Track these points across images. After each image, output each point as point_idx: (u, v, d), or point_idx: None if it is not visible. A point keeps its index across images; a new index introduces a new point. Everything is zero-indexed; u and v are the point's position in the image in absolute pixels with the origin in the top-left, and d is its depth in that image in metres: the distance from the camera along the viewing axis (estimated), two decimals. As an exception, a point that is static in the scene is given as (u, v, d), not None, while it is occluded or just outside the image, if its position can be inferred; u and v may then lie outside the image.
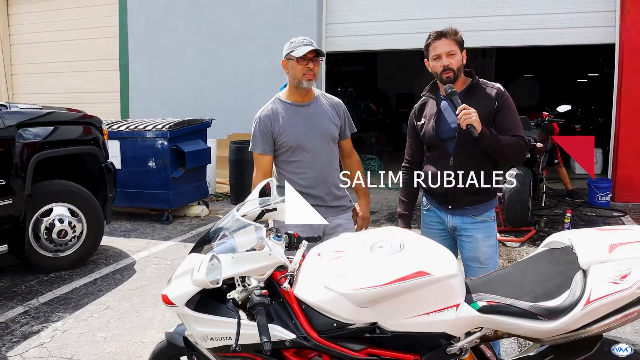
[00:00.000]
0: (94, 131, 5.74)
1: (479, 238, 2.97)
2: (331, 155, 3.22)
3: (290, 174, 3.15)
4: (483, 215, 2.98)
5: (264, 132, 3.14)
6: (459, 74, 2.88)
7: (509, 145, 2.79)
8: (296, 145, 3.11)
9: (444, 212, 3.03)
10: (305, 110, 3.16)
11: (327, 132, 3.17)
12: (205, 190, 8.04)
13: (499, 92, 2.90)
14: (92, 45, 11.57)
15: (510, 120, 2.86)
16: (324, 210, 3.11)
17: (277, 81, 9.81)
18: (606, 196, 8.14)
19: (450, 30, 2.88)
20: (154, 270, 5.39)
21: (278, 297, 2.05)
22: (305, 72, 3.07)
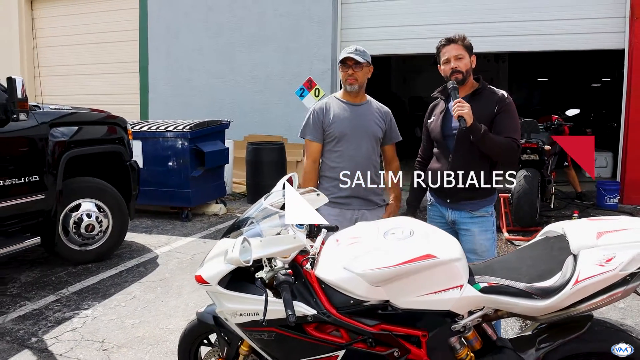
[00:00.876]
0: (119, 131, 6.01)
1: (476, 232, 3.18)
2: (371, 152, 3.50)
3: (332, 162, 3.47)
4: (480, 210, 3.19)
5: (316, 121, 3.48)
6: (467, 76, 3.13)
7: (499, 144, 3.00)
8: (341, 136, 3.42)
9: (444, 206, 3.28)
10: (354, 108, 3.49)
11: (370, 131, 3.47)
12: (223, 189, 8.31)
13: (501, 97, 3.14)
14: (113, 49, 11.94)
15: (506, 123, 3.07)
16: (357, 202, 3.47)
17: (292, 84, 10.13)
18: (614, 198, 8.32)
19: (457, 36, 3.15)
20: (175, 264, 5.66)
21: (300, 278, 2.28)
22: (346, 77, 3.41)
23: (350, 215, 3.50)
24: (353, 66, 3.38)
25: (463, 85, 3.16)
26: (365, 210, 3.51)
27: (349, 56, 3.35)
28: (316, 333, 2.26)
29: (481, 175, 3.12)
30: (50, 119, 5.13)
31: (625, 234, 2.15)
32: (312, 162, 3.54)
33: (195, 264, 5.61)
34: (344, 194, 3.47)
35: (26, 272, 5.39)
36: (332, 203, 3.46)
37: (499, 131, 3.05)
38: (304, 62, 10.10)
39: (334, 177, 3.48)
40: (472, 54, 3.18)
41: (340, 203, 3.49)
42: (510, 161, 3.20)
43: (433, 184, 3.28)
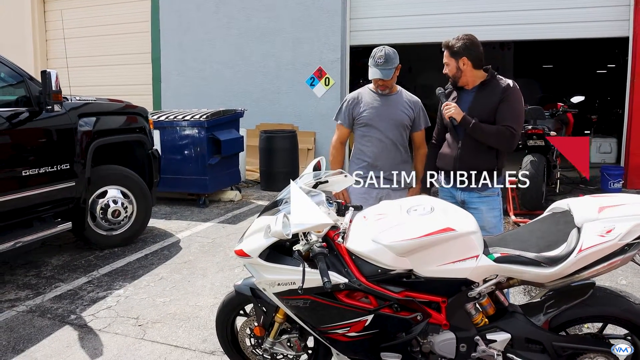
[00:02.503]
0: (141, 120, 6.27)
1: (484, 210, 3.47)
2: (398, 138, 3.83)
3: (362, 146, 3.88)
4: (487, 190, 3.48)
5: (347, 109, 3.90)
6: (456, 79, 3.48)
7: (489, 132, 3.32)
8: (370, 122, 3.81)
9: (454, 188, 3.56)
10: (385, 98, 3.85)
11: (398, 118, 3.81)
12: (238, 176, 8.58)
13: (506, 86, 3.41)
14: (125, 40, 12.17)
15: (505, 111, 3.35)
16: (381, 181, 3.81)
17: (302, 74, 10.36)
18: (618, 183, 8.54)
19: (445, 44, 3.49)
20: (198, 247, 5.93)
21: (332, 251, 2.54)
22: (377, 86, 3.81)
23: (375, 194, 3.84)
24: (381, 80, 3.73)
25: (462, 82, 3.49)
26: (390, 189, 3.83)
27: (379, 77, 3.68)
28: (347, 300, 2.52)
29: (488, 159, 3.41)
30: (78, 110, 5.39)
31: (624, 208, 2.41)
32: (340, 143, 4.03)
33: (217, 247, 5.89)
34: (373, 173, 3.79)
35: (57, 256, 5.67)
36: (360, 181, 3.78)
37: (499, 119, 3.34)
38: (314, 51, 10.32)
39: (362, 159, 3.85)
40: (464, 56, 3.42)
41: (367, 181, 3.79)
42: (506, 148, 3.43)
43: (444, 167, 3.59)
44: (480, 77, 3.48)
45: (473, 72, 3.46)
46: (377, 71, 3.68)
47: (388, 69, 3.68)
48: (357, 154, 3.92)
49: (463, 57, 3.42)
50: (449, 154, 3.54)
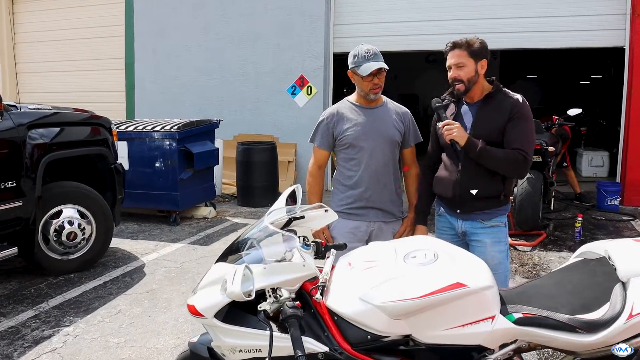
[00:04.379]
0: (103, 132, 5.68)
1: (488, 243, 2.98)
2: (389, 158, 3.25)
3: (348, 170, 3.28)
4: (493, 220, 3.00)
5: (325, 128, 3.27)
6: (471, 85, 2.90)
7: (500, 158, 2.83)
8: (355, 142, 3.19)
9: (454, 217, 3.07)
10: (370, 112, 3.25)
11: (388, 135, 3.23)
12: (212, 191, 7.99)
13: (514, 102, 2.90)
14: (97, 45, 11.55)
15: (516, 132, 2.86)
16: (372, 213, 3.24)
17: (283, 82, 9.83)
18: (615, 200, 8.12)
19: (462, 41, 2.92)
20: (163, 273, 5.34)
21: (309, 308, 2.00)
22: (371, 87, 3.15)
23: (365, 228, 3.28)
24: (378, 74, 3.13)
25: (471, 92, 2.95)
26: (382, 222, 3.28)
27: (381, 67, 3.07)
28: (328, 373, 1.98)
29: (493, 184, 2.93)
30: (28, 120, 4.80)
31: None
32: (318, 167, 3.37)
33: (184, 274, 5.31)
34: (360, 204, 3.24)
35: (2, 284, 5.04)
36: (346, 214, 3.26)
37: (509, 141, 2.85)
38: (295, 59, 9.79)
39: (349, 186, 3.27)
40: (484, 58, 2.92)
41: (355, 214, 3.26)
42: (517, 175, 3.03)
43: (442, 193, 3.09)
44: (486, 89, 2.97)
45: (484, 81, 2.97)
46: (373, 63, 3.06)
47: (382, 61, 3.10)
48: (341, 180, 3.33)
49: (483, 60, 2.89)
50: (447, 178, 3.04)
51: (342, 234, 3.25)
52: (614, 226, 7.25)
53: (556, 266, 5.46)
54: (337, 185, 3.37)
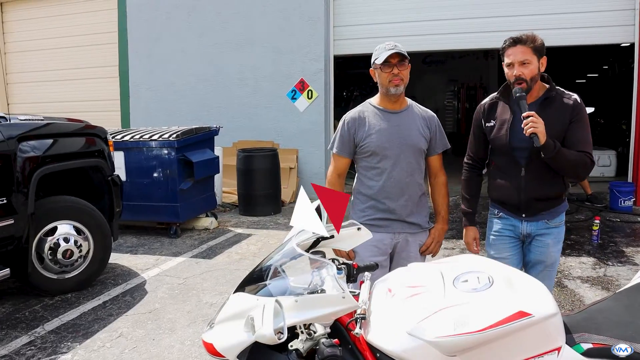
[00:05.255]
0: (99, 142, 5.40)
1: (550, 243, 2.93)
2: (414, 167, 3.01)
3: (368, 180, 3.04)
4: (556, 219, 2.93)
5: (346, 134, 3.03)
6: (533, 83, 2.77)
7: (572, 160, 2.71)
8: (378, 150, 2.96)
9: (518, 219, 2.96)
10: (394, 117, 3.00)
11: (413, 143, 2.99)
12: (213, 201, 7.70)
13: (575, 103, 2.79)
14: (90, 52, 11.26)
15: (580, 134, 2.76)
16: (396, 224, 3.00)
17: (283, 86, 9.55)
18: (629, 200, 7.87)
19: (527, 37, 2.76)
20: (166, 290, 5.05)
21: (346, 344, 1.72)
22: (390, 78, 2.90)
23: (390, 240, 3.03)
24: (398, 64, 2.87)
25: (528, 93, 2.80)
26: (407, 234, 3.02)
27: (396, 52, 2.83)
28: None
29: (556, 185, 2.86)
30: (19, 132, 4.50)
31: None
32: (338, 176, 3.12)
33: (189, 290, 5.02)
34: (383, 216, 2.98)
35: (-4, 306, 4.75)
36: (369, 226, 2.96)
37: (571, 143, 2.72)
38: (295, 62, 9.52)
39: (370, 196, 3.00)
40: (543, 56, 2.78)
41: (378, 226, 2.99)
42: (581, 177, 2.99)
43: (504, 199, 2.97)
44: (541, 88, 2.84)
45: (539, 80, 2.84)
46: (388, 52, 2.82)
47: (403, 50, 2.86)
48: (362, 190, 3.07)
49: (543, 57, 2.77)
50: (509, 185, 2.91)
51: (365, 246, 2.96)
52: (631, 228, 7.00)
53: (578, 272, 5.20)
54: (358, 195, 3.11)
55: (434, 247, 3.13)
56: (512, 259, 3.02)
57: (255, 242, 6.63)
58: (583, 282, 4.98)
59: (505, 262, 3.04)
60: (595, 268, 5.37)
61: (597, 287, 4.84)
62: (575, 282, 4.98)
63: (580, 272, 5.25)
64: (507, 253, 3.02)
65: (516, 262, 3.03)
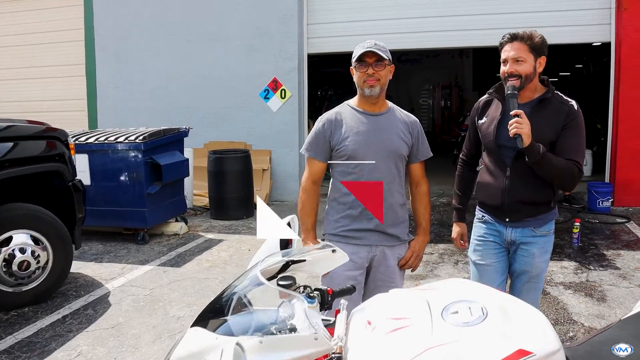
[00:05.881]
0: (59, 146, 5.10)
1: (536, 253, 2.78)
2: (394, 174, 2.80)
3: (344, 187, 2.80)
4: (544, 227, 2.77)
5: (321, 136, 2.82)
6: (527, 82, 2.63)
7: (558, 168, 2.57)
8: (355, 154, 2.74)
9: (502, 224, 2.83)
10: (373, 120, 2.79)
11: (393, 148, 2.78)
12: (183, 205, 7.42)
13: (570, 110, 2.66)
14: (55, 50, 10.82)
15: (571, 141, 2.63)
16: (373, 236, 2.79)
17: (256, 85, 9.30)
18: (607, 201, 7.81)
19: (524, 34, 2.64)
20: (131, 302, 4.77)
21: (320, 389, 1.50)
22: (365, 78, 2.70)
23: (366, 254, 2.80)
24: (374, 64, 2.66)
25: (523, 90, 2.68)
26: (385, 247, 2.81)
27: (371, 50, 2.62)
28: None
29: (541, 188, 2.69)
30: (-31, 135, 4.19)
31: None
32: (313, 182, 2.88)
33: (155, 302, 4.76)
34: (359, 227, 2.76)
35: (-54, 323, 4.42)
36: (343, 237, 2.79)
37: (561, 150, 2.59)
38: (268, 61, 9.25)
39: (346, 205, 2.78)
40: (542, 55, 2.64)
41: (353, 237, 2.78)
42: (568, 187, 2.74)
43: (487, 201, 2.84)
44: (539, 90, 2.71)
45: (537, 81, 2.70)
46: (365, 50, 2.63)
47: (381, 49, 2.65)
48: (337, 197, 2.84)
49: (542, 57, 2.63)
50: (493, 184, 2.77)
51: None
52: (610, 230, 6.91)
53: (560, 278, 5.07)
54: (332, 203, 2.88)
55: (414, 261, 2.92)
56: (497, 267, 2.87)
57: (226, 249, 6.37)
58: (566, 288, 4.84)
59: (489, 270, 2.91)
60: (577, 273, 5.24)
61: (580, 293, 4.70)
62: (558, 288, 4.83)
63: (563, 277, 5.11)
64: (491, 260, 2.87)
65: (500, 270, 2.88)
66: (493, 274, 2.87)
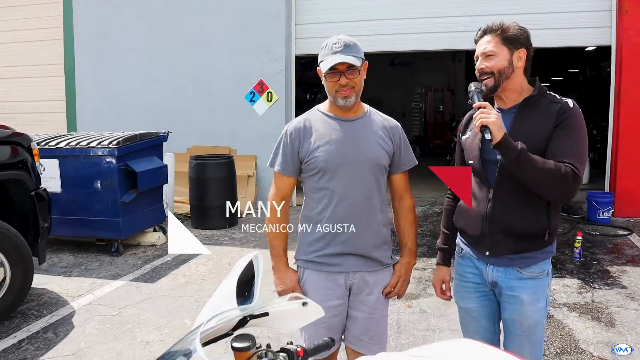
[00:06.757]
0: (22, 152, 4.70)
1: (525, 300, 2.26)
2: (372, 188, 2.40)
3: (316, 204, 2.42)
4: (533, 268, 2.25)
5: (288, 147, 2.43)
6: (502, 79, 2.20)
7: (545, 171, 2.05)
8: (327, 166, 2.35)
9: (482, 261, 2.34)
10: (348, 126, 2.40)
11: (371, 157, 2.39)
12: (161, 214, 6.98)
13: (564, 107, 2.17)
14: (32, 50, 10.37)
15: (564, 142, 2.12)
16: (350, 261, 2.39)
17: (241, 87, 8.90)
18: (608, 212, 7.47)
19: (494, 25, 2.22)
20: (96, 324, 4.35)
21: None
22: (337, 88, 2.32)
23: (343, 281, 2.41)
24: (346, 72, 2.28)
25: (505, 92, 2.24)
26: (365, 272, 2.42)
27: (342, 61, 2.24)
28: None
29: (530, 216, 2.20)
30: None
31: None
32: (281, 198, 2.49)
33: (123, 324, 4.34)
34: (334, 250, 2.38)
35: None
36: (318, 264, 2.40)
37: (551, 153, 2.10)
38: (253, 62, 8.85)
39: (320, 225, 2.39)
40: (522, 47, 2.21)
41: (329, 264, 2.39)
42: (562, 196, 2.18)
43: (466, 229, 2.37)
44: (526, 91, 2.24)
45: (522, 79, 2.24)
46: (337, 56, 2.25)
47: (353, 55, 2.26)
48: (309, 216, 2.45)
49: (521, 49, 2.20)
50: (475, 210, 2.29)
51: (317, 289, 2.41)
52: (612, 243, 6.56)
53: (563, 298, 4.71)
54: (305, 223, 2.48)
55: (400, 288, 2.51)
56: (481, 311, 2.40)
57: (205, 262, 5.96)
58: (570, 310, 4.46)
59: (471, 315, 2.42)
60: (582, 292, 4.87)
61: (586, 316, 4.33)
62: (562, 310, 4.46)
63: (566, 297, 4.74)
64: (473, 304, 2.41)
65: (486, 315, 2.40)
66: (478, 320, 2.42)
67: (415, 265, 2.59)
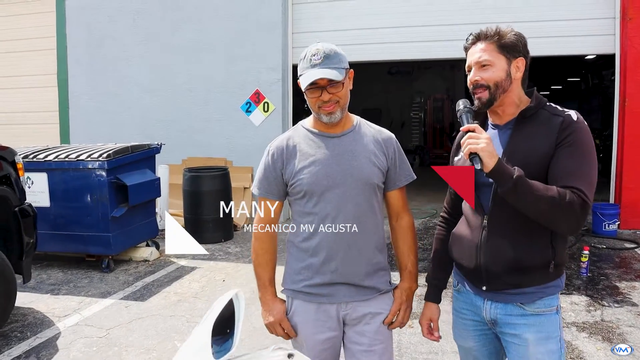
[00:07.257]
0: (5, 166, 4.50)
1: (531, 340, 1.96)
2: (364, 211, 2.17)
3: (303, 230, 2.19)
4: (538, 303, 1.97)
5: (271, 170, 2.22)
6: (499, 92, 1.94)
7: (547, 199, 1.76)
8: (313, 189, 2.13)
9: (480, 296, 2.08)
10: (334, 143, 2.17)
11: (362, 176, 2.15)
12: (154, 228, 6.78)
13: (566, 121, 1.89)
14: (24, 59, 10.21)
15: (567, 163, 1.84)
16: (342, 290, 2.17)
17: (237, 98, 8.72)
18: (614, 224, 7.26)
19: (489, 31, 1.96)
20: (82, 347, 4.14)
21: None
22: (320, 104, 2.09)
23: (335, 312, 2.18)
24: (328, 87, 2.06)
25: (500, 107, 1.99)
26: (358, 302, 2.19)
27: (322, 77, 2.03)
28: None
29: (537, 248, 1.92)
30: None
31: None
32: (267, 224, 2.26)
33: (110, 347, 4.13)
34: (323, 280, 2.16)
35: None
36: (306, 294, 2.18)
37: (555, 175, 1.84)
38: (250, 72, 8.67)
39: (307, 252, 2.18)
40: (520, 56, 1.96)
41: (318, 294, 2.17)
42: (569, 227, 1.86)
43: (461, 261, 2.08)
44: (524, 104, 1.99)
45: (520, 91, 1.99)
46: (315, 71, 2.03)
47: (334, 67, 2.04)
48: (297, 242, 2.23)
49: (519, 58, 1.95)
50: (467, 238, 2.04)
51: (306, 322, 2.20)
52: (619, 257, 6.36)
53: (571, 317, 4.49)
54: (292, 250, 2.26)
55: (403, 316, 2.28)
56: (481, 351, 2.15)
57: (198, 278, 5.75)
58: (579, 330, 4.25)
59: (472, 354, 2.16)
60: (590, 310, 4.66)
61: (596, 337, 4.11)
62: (571, 330, 4.24)
63: (574, 316, 4.53)
64: (472, 343, 2.16)
65: (487, 354, 2.15)
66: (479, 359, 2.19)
67: (416, 290, 2.36)
